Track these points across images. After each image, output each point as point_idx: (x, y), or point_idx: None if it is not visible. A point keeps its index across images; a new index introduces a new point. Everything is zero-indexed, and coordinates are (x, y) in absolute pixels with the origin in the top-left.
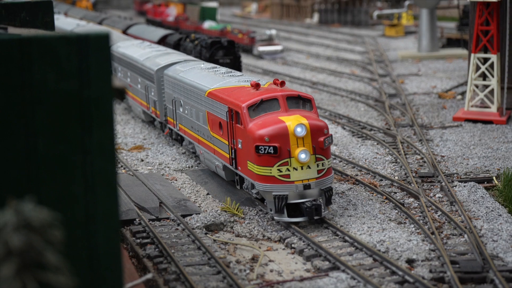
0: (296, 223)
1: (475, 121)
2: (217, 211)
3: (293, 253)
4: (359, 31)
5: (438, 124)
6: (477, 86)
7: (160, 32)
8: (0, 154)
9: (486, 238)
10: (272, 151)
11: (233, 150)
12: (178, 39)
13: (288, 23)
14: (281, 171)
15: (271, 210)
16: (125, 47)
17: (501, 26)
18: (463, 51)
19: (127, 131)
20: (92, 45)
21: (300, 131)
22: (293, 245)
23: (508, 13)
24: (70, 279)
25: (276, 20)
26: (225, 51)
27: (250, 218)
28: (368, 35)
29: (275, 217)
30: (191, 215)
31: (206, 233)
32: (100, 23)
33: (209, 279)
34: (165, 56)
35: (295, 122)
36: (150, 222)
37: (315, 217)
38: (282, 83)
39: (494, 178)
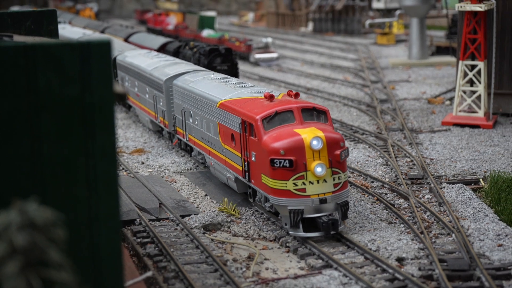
0: (311, 238)
1: (463, 125)
2: (214, 211)
3: (287, 252)
4: (352, 39)
5: (427, 128)
6: (464, 92)
7: (160, 40)
8: (6, 157)
9: (473, 238)
10: (287, 165)
11: (246, 163)
12: (178, 46)
13: (283, 31)
14: (296, 185)
15: (286, 225)
16: (132, 56)
17: (488, 35)
18: (451, 59)
19: (129, 135)
20: (94, 52)
21: (316, 144)
22: (287, 244)
23: (495, 22)
24: (73, 276)
25: (272, 29)
26: (223, 58)
27: (246, 218)
28: (361, 43)
29: (290, 232)
30: (189, 215)
31: (204, 233)
32: (102, 31)
33: (207, 276)
34: (174, 66)
35: (311, 135)
36: (150, 222)
37: (332, 232)
38: (297, 95)
39: (481, 180)
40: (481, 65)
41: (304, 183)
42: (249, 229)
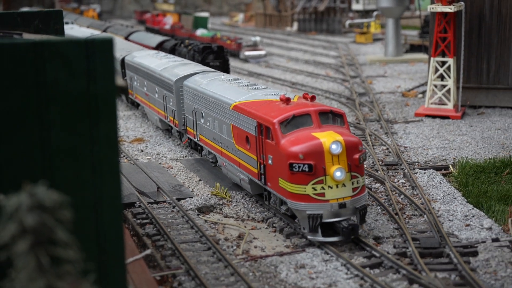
0: (330, 243)
1: (434, 116)
2: (208, 195)
3: (274, 232)
4: (333, 38)
5: (402, 119)
6: (436, 86)
7: (158, 38)
8: (18, 145)
9: (443, 218)
10: (306, 169)
11: (262, 166)
12: (174, 44)
13: (270, 31)
14: (315, 190)
15: (304, 229)
16: (141, 57)
17: (456, 34)
18: (424, 56)
19: (129, 126)
20: (98, 48)
21: (336, 148)
22: (274, 225)
23: (463, 22)
24: (78, 254)
25: (260, 28)
26: (215, 55)
27: (236, 201)
28: (341, 42)
29: (308, 237)
30: (185, 198)
31: (198, 214)
32: (104, 30)
33: (201, 254)
34: (183, 66)
35: (330, 139)
36: (149, 204)
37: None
38: (313, 98)
39: (450, 166)
40: (450, 61)
41: (323, 188)
42: (239, 211)
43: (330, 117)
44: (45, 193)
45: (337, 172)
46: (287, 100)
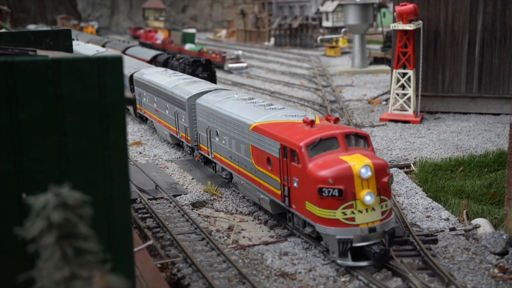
0: (360, 267)
1: (396, 121)
2: (200, 192)
3: (260, 224)
4: (306, 52)
5: (368, 124)
6: (397, 94)
7: (152, 52)
8: (38, 151)
9: (407, 210)
10: (336, 194)
11: (286, 188)
12: (167, 58)
13: (250, 45)
14: (345, 214)
15: (333, 253)
16: (149, 74)
17: (415, 48)
18: (386, 67)
19: (128, 130)
20: (109, 65)
21: (365, 173)
22: (259, 217)
23: (421, 38)
24: (97, 246)
25: (241, 43)
26: (204, 68)
27: (226, 197)
28: (313, 55)
29: (338, 261)
30: (180, 195)
31: (192, 209)
32: (103, 45)
33: (196, 244)
34: (193, 84)
35: (359, 163)
36: (149, 200)
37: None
38: (336, 120)
39: (411, 164)
40: (410, 73)
41: (353, 212)
42: (228, 206)
43: (356, 139)
44: (69, 193)
45: (367, 197)
46: (311, 123)
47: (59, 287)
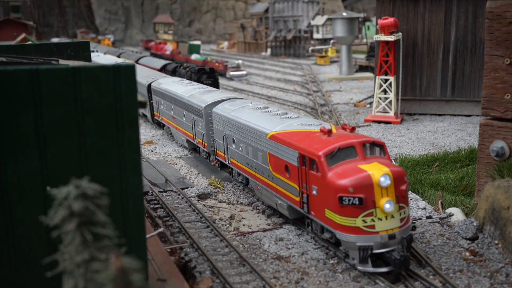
0: (380, 273)
1: (379, 122)
2: (205, 185)
3: (258, 213)
4: (298, 61)
5: (354, 124)
6: (380, 98)
7: (162, 62)
8: (61, 148)
9: None
10: (357, 202)
11: (304, 195)
12: (175, 67)
13: (249, 55)
14: (366, 222)
15: (353, 259)
16: (166, 83)
17: (396, 57)
18: (370, 74)
19: (140, 131)
20: (123, 72)
21: (384, 181)
22: (258, 207)
23: (401, 48)
24: (113, 232)
25: (241, 53)
26: (208, 75)
27: (228, 189)
28: (305, 63)
29: (358, 267)
30: (187, 188)
31: (198, 200)
32: (118, 56)
33: (201, 231)
34: (209, 93)
35: (378, 172)
36: (159, 193)
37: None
38: (353, 129)
39: (393, 160)
40: (391, 79)
41: (373, 220)
42: (230, 197)
43: (372, 148)
44: (88, 185)
45: (387, 205)
46: (329, 132)
47: (80, 268)
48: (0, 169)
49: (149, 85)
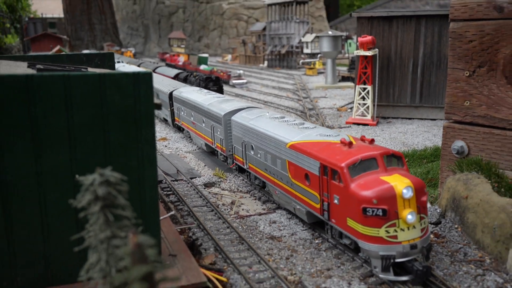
0: (401, 282)
1: (358, 124)
2: (210, 175)
3: (255, 200)
4: (291, 72)
5: (337, 126)
6: (359, 104)
7: (175, 71)
8: (89, 143)
9: None
10: (380, 214)
11: (325, 203)
12: (186, 75)
13: (249, 66)
14: (388, 232)
15: (375, 268)
16: (186, 92)
17: (373, 69)
18: (351, 84)
19: (156, 129)
20: (142, 79)
21: (407, 193)
22: (255, 195)
23: (378, 62)
24: (132, 214)
25: (242, 65)
26: (214, 83)
27: (230, 179)
28: (296, 74)
29: (380, 275)
30: (195, 177)
31: (204, 188)
32: (139, 65)
33: (207, 214)
34: (226, 102)
35: (401, 184)
36: (172, 181)
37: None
38: (372, 141)
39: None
40: (369, 88)
41: (395, 230)
42: (231, 186)
43: (393, 160)
44: (110, 173)
45: (409, 216)
46: (349, 144)
47: (102, 244)
48: (36, 161)
49: (171, 93)
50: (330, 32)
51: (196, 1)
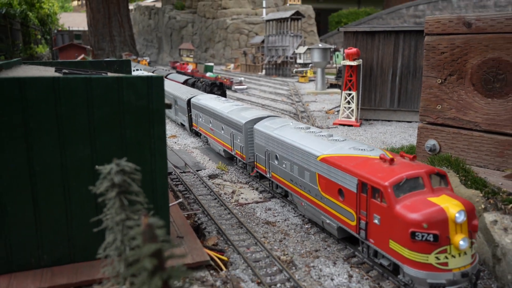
0: None
1: (343, 125)
2: (214, 168)
3: (253, 190)
4: (285, 79)
5: (325, 126)
6: (345, 107)
7: (184, 77)
8: (107, 138)
9: None
10: (431, 239)
11: (362, 221)
12: (194, 81)
13: (249, 74)
14: (439, 259)
15: None
16: (205, 99)
17: (357, 77)
18: (338, 90)
19: (167, 128)
20: (154, 82)
21: (460, 217)
22: (253, 185)
23: (362, 70)
24: (144, 199)
25: (243, 73)
26: (218, 88)
27: (231, 172)
28: (290, 81)
29: None
30: (201, 170)
31: (209, 179)
32: (153, 72)
33: (210, 202)
34: (246, 111)
35: (452, 207)
36: (180, 173)
37: None
38: (414, 158)
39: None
40: (354, 93)
41: (446, 257)
42: (232, 178)
43: (437, 179)
44: (126, 163)
45: (462, 242)
46: (390, 161)
47: (118, 225)
48: (61, 153)
49: (189, 100)
50: (320, 45)
51: (203, 17)
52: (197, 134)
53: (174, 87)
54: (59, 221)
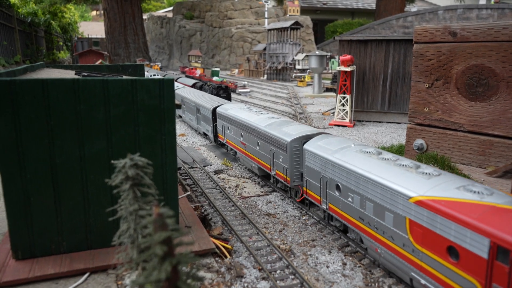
0: None
1: (338, 125)
2: (219, 164)
3: (255, 184)
4: (285, 83)
5: (322, 127)
6: (340, 110)
7: (193, 81)
8: (121, 135)
9: None
10: None
11: None
12: (201, 84)
13: (252, 79)
14: None
15: None
16: (233, 109)
17: (351, 82)
18: (333, 94)
19: (177, 127)
20: (165, 83)
21: None
22: (255, 180)
23: (355, 75)
24: (155, 191)
25: (246, 77)
26: (223, 91)
27: (235, 168)
28: (290, 85)
29: None
30: (207, 165)
31: (214, 174)
32: (164, 76)
33: (216, 195)
34: (287, 125)
35: None
36: (188, 168)
37: None
38: None
39: None
40: (348, 97)
41: None
42: (236, 173)
43: None
44: (139, 158)
45: None
46: None
47: (131, 215)
48: (80, 147)
49: (214, 109)
50: (317, 52)
51: (210, 26)
52: (222, 145)
53: (196, 95)
54: (77, 210)
